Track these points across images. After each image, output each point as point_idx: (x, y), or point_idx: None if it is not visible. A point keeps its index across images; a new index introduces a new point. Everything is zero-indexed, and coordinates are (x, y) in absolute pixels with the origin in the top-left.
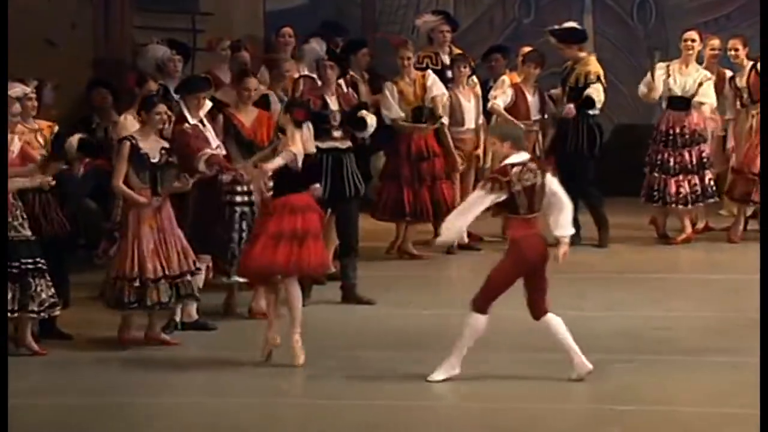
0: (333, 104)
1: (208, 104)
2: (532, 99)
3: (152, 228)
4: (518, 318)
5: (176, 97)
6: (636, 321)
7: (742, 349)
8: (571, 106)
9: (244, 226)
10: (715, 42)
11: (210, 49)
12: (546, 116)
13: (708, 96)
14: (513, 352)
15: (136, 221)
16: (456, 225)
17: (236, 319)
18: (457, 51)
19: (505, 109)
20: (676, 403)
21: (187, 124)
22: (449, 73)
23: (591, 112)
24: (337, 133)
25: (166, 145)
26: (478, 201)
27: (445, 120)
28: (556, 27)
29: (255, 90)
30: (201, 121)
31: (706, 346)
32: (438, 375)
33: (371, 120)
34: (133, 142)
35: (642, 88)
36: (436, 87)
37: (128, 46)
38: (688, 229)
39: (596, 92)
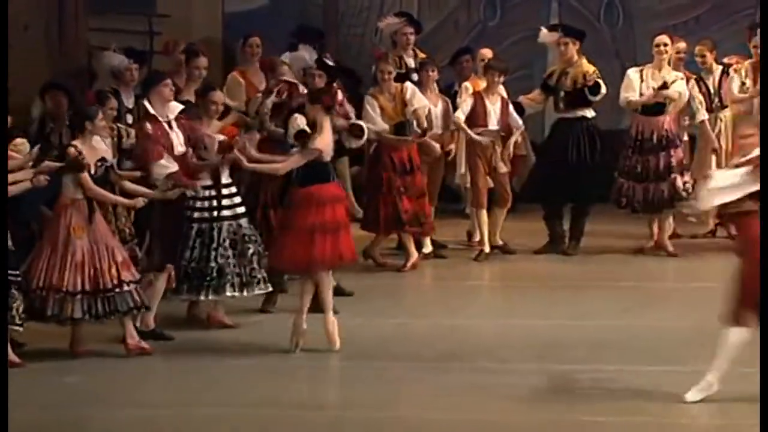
0: None
1: (177, 106)
2: (491, 107)
3: (82, 239)
4: (482, 327)
5: (128, 105)
6: (607, 330)
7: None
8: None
9: (197, 243)
10: (681, 45)
11: (167, 52)
12: (511, 124)
13: (677, 87)
14: (478, 361)
15: (66, 231)
16: (717, 197)
17: (194, 329)
18: (421, 55)
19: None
20: (649, 413)
21: (148, 124)
22: (414, 76)
23: (588, 115)
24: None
25: (104, 155)
26: (749, 184)
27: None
28: (559, 23)
29: (222, 103)
30: (169, 123)
31: (679, 356)
32: (695, 395)
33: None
34: (78, 149)
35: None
36: (416, 99)
37: (83, 49)
38: (657, 237)
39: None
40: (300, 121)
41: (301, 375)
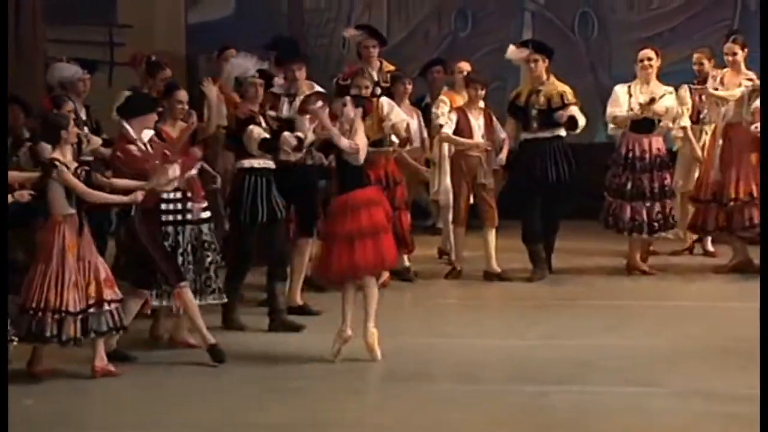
0: (263, 123)
1: (150, 132)
2: (475, 122)
3: (74, 256)
4: (457, 346)
5: (82, 116)
6: (584, 349)
7: (695, 379)
8: (564, 113)
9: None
10: None
11: (134, 64)
12: (494, 137)
13: (665, 102)
14: (453, 381)
15: (61, 249)
16: None
17: (157, 349)
18: (389, 66)
19: None
20: None
21: (133, 146)
22: (377, 90)
23: (562, 133)
24: (268, 153)
25: (75, 163)
26: None
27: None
28: (529, 39)
29: (187, 102)
30: (144, 145)
31: (656, 376)
32: None
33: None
34: (62, 161)
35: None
36: (393, 114)
37: (41, 60)
38: (630, 259)
39: (579, 114)
40: (259, 131)
41: (269, 395)
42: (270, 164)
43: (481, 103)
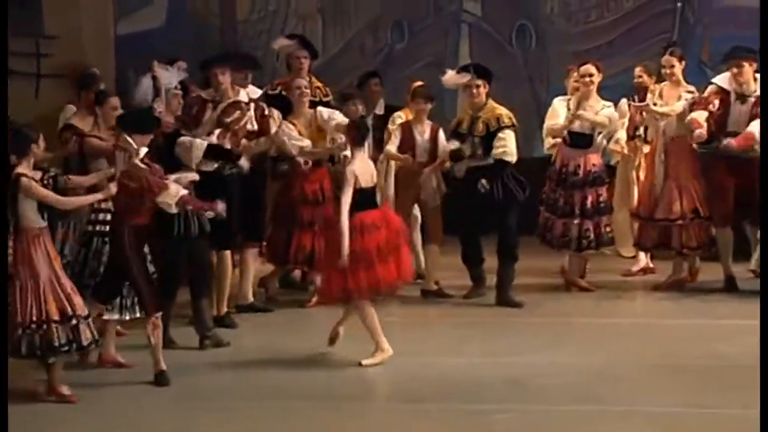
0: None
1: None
2: (420, 139)
3: (59, 265)
4: (394, 365)
5: None
6: (521, 368)
7: (632, 397)
8: (463, 169)
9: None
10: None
11: (74, 76)
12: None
13: (606, 113)
14: (390, 401)
15: (47, 260)
16: None
17: (86, 369)
18: (317, 83)
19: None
20: None
21: (138, 162)
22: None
23: (506, 158)
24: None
25: (37, 176)
26: None
27: None
28: (470, 63)
29: (119, 109)
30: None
31: (594, 394)
32: None
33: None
34: (29, 176)
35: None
36: (332, 115)
37: None
38: (566, 274)
39: (507, 150)
40: (198, 140)
41: (203, 414)
42: (196, 177)
43: (428, 122)
